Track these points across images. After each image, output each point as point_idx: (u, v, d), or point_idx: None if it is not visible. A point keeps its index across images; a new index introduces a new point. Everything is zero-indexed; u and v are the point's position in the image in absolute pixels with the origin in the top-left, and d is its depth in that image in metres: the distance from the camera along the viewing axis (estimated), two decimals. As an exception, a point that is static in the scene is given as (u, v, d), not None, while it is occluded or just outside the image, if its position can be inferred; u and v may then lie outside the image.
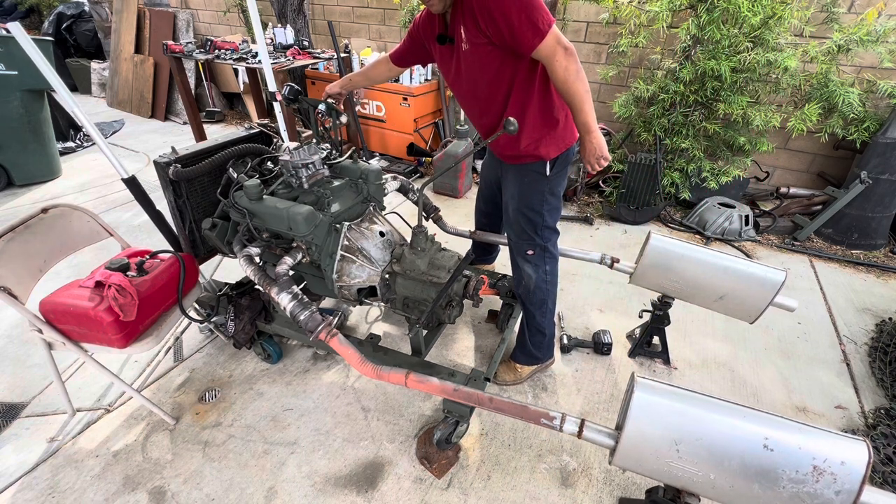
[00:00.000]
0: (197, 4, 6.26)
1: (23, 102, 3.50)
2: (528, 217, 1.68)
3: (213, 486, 1.60)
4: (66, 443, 1.74)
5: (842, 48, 2.70)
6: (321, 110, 1.84)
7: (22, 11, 7.26)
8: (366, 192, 1.82)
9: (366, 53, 4.26)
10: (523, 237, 1.73)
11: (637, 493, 1.59)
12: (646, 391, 1.13)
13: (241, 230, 1.69)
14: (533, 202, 1.66)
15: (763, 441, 1.01)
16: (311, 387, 1.99)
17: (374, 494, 1.58)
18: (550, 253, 1.76)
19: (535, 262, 1.76)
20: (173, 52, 3.97)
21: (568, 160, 1.63)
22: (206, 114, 5.60)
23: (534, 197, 1.65)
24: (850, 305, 2.58)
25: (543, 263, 1.76)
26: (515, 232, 1.75)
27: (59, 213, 1.67)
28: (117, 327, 1.50)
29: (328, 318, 1.53)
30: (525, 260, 1.77)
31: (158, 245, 1.78)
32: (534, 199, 1.65)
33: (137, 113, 5.79)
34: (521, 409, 1.32)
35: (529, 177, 1.63)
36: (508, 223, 1.78)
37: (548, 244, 1.74)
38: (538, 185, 1.63)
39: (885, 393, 2.00)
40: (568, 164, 1.65)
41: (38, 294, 1.55)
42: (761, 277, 1.66)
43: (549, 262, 1.77)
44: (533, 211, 1.67)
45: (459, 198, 3.80)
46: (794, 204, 3.35)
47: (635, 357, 2.17)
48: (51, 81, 1.53)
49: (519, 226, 1.72)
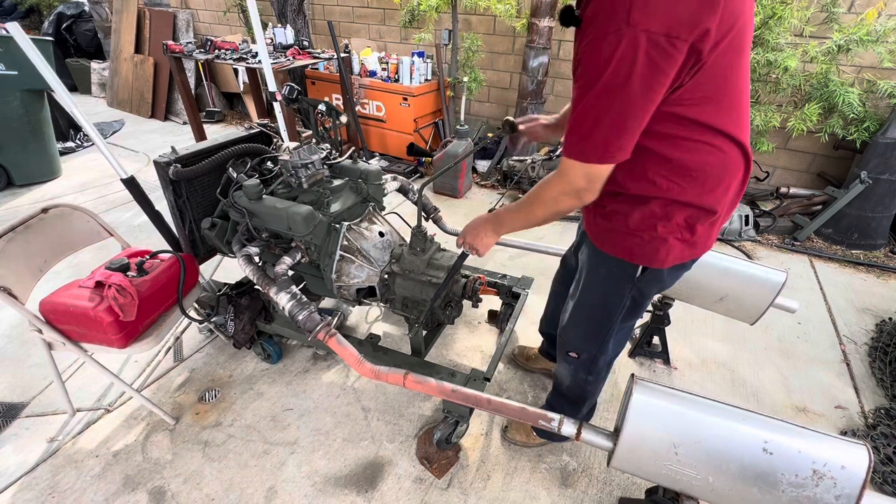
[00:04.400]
0: (197, 4, 6.25)
1: (23, 102, 3.50)
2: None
3: (213, 486, 1.60)
4: (66, 443, 1.74)
5: (842, 48, 2.70)
6: (321, 110, 1.84)
7: (22, 11, 7.24)
8: (365, 192, 1.82)
9: (366, 53, 4.26)
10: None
11: (637, 494, 1.59)
12: (644, 393, 1.13)
13: (240, 230, 1.70)
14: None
15: (762, 444, 1.01)
16: (311, 387, 1.99)
17: (374, 494, 1.58)
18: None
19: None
20: (173, 52, 3.96)
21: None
22: (206, 114, 5.59)
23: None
24: (850, 305, 2.58)
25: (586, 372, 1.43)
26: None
27: (59, 213, 1.67)
28: (117, 327, 1.50)
29: (327, 318, 1.53)
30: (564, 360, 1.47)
31: (158, 245, 1.78)
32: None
33: (137, 113, 5.79)
34: (519, 411, 1.32)
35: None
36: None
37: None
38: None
39: (885, 393, 2.00)
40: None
41: (38, 294, 1.55)
42: (762, 278, 1.66)
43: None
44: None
45: (459, 198, 3.79)
46: (794, 204, 3.35)
47: (635, 357, 2.16)
48: (49, 81, 1.53)
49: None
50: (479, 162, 4.17)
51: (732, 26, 0.78)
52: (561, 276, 1.75)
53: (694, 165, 0.94)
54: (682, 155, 0.93)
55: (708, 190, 0.97)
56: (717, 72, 0.82)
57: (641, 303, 1.22)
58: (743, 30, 0.82)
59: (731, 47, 0.81)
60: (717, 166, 0.95)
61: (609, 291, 1.21)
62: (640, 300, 1.21)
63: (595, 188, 0.95)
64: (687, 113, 0.86)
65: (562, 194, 0.99)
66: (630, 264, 1.12)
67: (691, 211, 1.00)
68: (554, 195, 1.01)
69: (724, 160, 0.95)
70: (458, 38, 4.05)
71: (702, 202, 0.99)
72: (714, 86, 0.84)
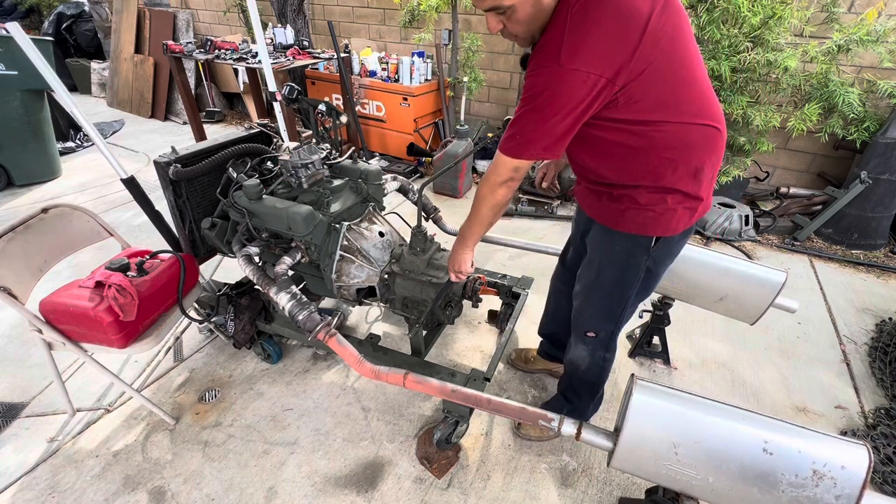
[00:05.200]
0: (197, 4, 6.25)
1: (23, 102, 3.50)
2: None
3: (213, 486, 1.60)
4: (66, 443, 1.74)
5: (842, 48, 2.70)
6: (321, 110, 1.84)
7: (22, 11, 7.24)
8: (365, 192, 1.82)
9: (366, 53, 4.26)
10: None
11: (637, 493, 1.59)
12: (644, 393, 1.13)
13: (240, 230, 1.70)
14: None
15: (762, 444, 1.01)
16: (311, 387, 1.99)
17: (374, 494, 1.58)
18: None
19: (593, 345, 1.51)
20: (173, 52, 3.96)
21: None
22: (206, 114, 5.59)
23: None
24: (850, 305, 2.58)
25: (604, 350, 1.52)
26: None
27: (60, 213, 1.67)
28: (117, 327, 1.50)
29: (327, 318, 1.53)
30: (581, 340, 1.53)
31: (158, 245, 1.78)
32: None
33: (137, 113, 5.79)
34: (519, 411, 1.32)
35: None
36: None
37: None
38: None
39: (885, 393, 2.00)
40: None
41: (38, 294, 1.55)
42: (762, 278, 1.65)
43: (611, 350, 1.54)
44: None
45: (459, 198, 3.79)
46: (794, 204, 3.35)
47: (635, 357, 2.16)
48: (49, 81, 1.53)
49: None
50: (479, 162, 4.17)
51: (652, 58, 0.97)
52: (560, 273, 1.77)
53: (676, 144, 1.08)
54: (665, 139, 1.08)
55: (695, 158, 1.11)
56: (658, 83, 1.01)
57: (656, 272, 1.32)
58: (672, 47, 1.00)
59: (658, 68, 0.99)
60: (698, 138, 1.09)
61: (626, 266, 1.30)
62: (655, 269, 1.31)
63: (520, 177, 1.16)
64: (651, 117, 1.04)
65: (496, 185, 1.18)
66: (644, 237, 1.22)
67: (687, 180, 1.14)
68: (490, 189, 1.20)
69: (703, 133, 1.09)
70: (458, 38, 4.05)
71: (692, 167, 1.12)
72: (660, 92, 1.02)
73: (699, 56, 1.10)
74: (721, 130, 1.13)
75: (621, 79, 0.98)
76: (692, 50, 1.07)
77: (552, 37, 1.00)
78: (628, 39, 0.95)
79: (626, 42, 0.95)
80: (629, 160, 1.13)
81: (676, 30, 1.01)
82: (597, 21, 0.96)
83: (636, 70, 0.97)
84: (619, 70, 0.97)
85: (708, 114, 1.09)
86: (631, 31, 0.96)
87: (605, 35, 0.96)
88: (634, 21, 0.96)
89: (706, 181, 1.17)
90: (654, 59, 0.98)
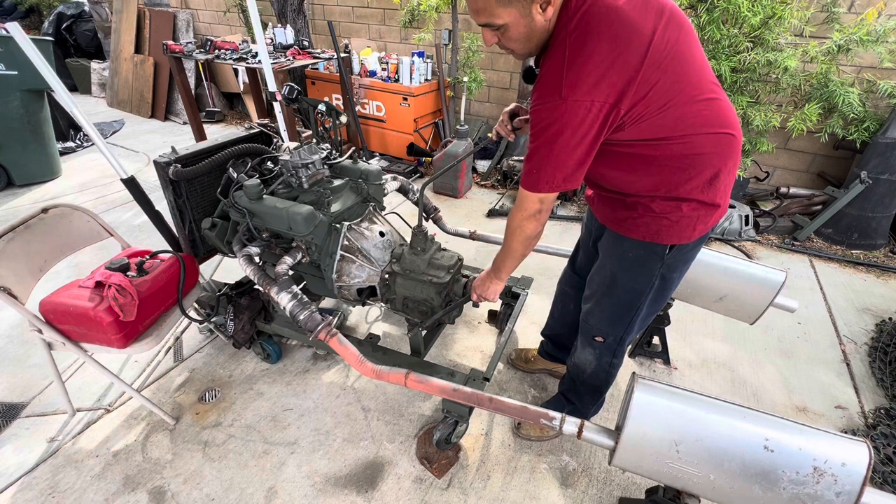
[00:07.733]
0: (197, 4, 6.25)
1: (23, 102, 3.50)
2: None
3: (213, 486, 1.60)
4: (66, 443, 1.74)
5: (842, 48, 2.70)
6: (321, 110, 1.84)
7: (22, 11, 7.24)
8: (365, 192, 1.82)
9: (366, 53, 4.26)
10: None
11: (637, 493, 1.59)
12: (646, 392, 1.13)
13: (240, 230, 1.69)
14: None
15: (763, 442, 1.01)
16: (311, 387, 1.99)
17: (374, 494, 1.58)
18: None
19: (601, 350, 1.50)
20: (173, 52, 3.96)
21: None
22: (206, 114, 5.59)
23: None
24: (850, 305, 2.58)
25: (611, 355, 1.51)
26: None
27: (60, 213, 1.66)
28: (117, 327, 1.50)
29: (327, 318, 1.53)
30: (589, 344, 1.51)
31: (158, 245, 1.78)
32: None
33: (137, 113, 5.79)
34: (520, 410, 1.32)
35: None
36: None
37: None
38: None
39: (885, 393, 2.00)
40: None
41: (38, 294, 1.55)
42: (761, 278, 1.66)
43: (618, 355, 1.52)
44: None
45: (459, 198, 3.79)
46: (794, 204, 3.35)
47: (635, 357, 2.16)
48: (49, 81, 1.53)
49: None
50: (479, 162, 4.17)
51: (656, 79, 0.96)
52: (569, 277, 1.76)
53: (689, 154, 1.07)
54: (677, 150, 1.06)
55: (710, 165, 1.09)
56: (664, 102, 0.99)
57: (670, 279, 1.29)
58: (676, 63, 0.98)
59: (663, 87, 0.97)
60: (711, 146, 1.07)
61: (639, 273, 1.28)
62: (669, 276, 1.28)
63: (547, 209, 1.17)
64: (659, 134, 1.04)
65: (523, 220, 1.19)
66: (659, 245, 1.20)
67: (703, 188, 1.11)
68: (518, 223, 1.21)
69: (716, 140, 1.07)
70: (458, 38, 4.05)
71: (707, 175, 1.10)
72: (666, 110, 1.00)
73: (707, 66, 1.07)
74: (735, 136, 1.10)
75: (626, 103, 0.97)
76: (699, 63, 1.04)
77: (552, 66, 0.99)
78: (629, 63, 0.94)
79: (628, 66, 0.94)
80: (641, 173, 1.12)
81: (680, 45, 0.99)
82: (596, 47, 0.94)
83: (640, 92, 0.96)
84: (622, 94, 0.96)
85: (719, 122, 1.06)
86: (632, 54, 0.94)
87: (604, 61, 0.94)
88: (636, 43, 0.94)
89: (722, 186, 1.14)
90: (659, 80, 0.97)
